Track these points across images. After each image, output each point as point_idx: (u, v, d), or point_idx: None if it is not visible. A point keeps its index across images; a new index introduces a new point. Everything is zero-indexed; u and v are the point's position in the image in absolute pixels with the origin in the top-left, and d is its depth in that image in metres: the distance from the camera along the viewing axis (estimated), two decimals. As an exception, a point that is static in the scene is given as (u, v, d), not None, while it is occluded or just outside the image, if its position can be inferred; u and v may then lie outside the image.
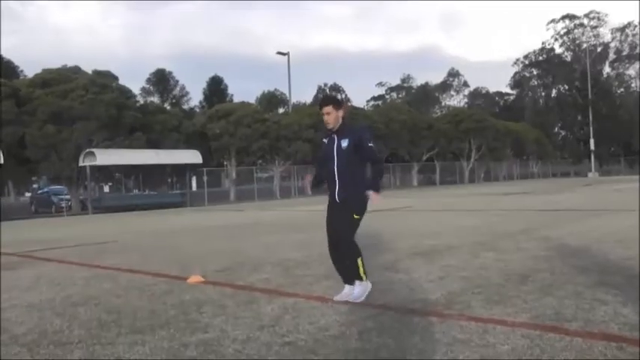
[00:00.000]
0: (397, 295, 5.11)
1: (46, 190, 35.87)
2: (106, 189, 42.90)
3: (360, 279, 4.83)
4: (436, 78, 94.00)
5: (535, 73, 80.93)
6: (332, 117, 4.78)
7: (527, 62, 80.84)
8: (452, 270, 6.27)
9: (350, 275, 4.88)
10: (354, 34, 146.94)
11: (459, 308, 4.50)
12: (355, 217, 4.78)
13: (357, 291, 4.83)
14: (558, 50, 78.43)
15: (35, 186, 43.95)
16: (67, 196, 31.97)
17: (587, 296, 4.69)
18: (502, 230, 10.37)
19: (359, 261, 4.80)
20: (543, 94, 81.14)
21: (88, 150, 28.36)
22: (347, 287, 4.92)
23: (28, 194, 46.17)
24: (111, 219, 21.75)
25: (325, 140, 4.97)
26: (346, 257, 4.81)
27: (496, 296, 4.84)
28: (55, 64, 33.56)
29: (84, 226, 18.11)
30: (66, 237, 13.61)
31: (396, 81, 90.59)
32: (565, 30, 76.85)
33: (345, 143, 4.75)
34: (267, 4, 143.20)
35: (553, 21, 77.58)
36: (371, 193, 4.75)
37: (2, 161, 24.57)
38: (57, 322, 4.62)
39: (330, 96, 5.03)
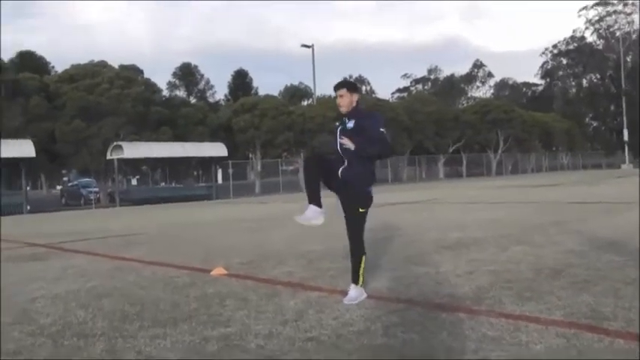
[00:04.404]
0: (423, 290, 4.98)
1: (75, 182, 36.37)
2: (134, 182, 43.44)
3: (357, 282, 4.64)
4: (461, 69, 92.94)
5: (565, 62, 79.32)
6: (345, 100, 4.68)
7: (556, 52, 79.30)
8: (480, 264, 6.11)
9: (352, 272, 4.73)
10: (377, 25, 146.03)
11: (489, 304, 4.35)
12: (360, 210, 4.65)
13: (352, 294, 4.63)
14: (590, 38, 76.75)
15: (65, 179, 44.60)
16: (96, 189, 32.36)
17: (626, 294, 4.46)
18: (532, 223, 10.13)
19: (363, 259, 4.63)
20: (573, 83, 79.56)
21: (115, 143, 28.64)
22: (311, 208, 4.63)
23: (59, 187, 46.86)
24: (138, 211, 21.94)
25: (337, 123, 4.87)
26: (352, 254, 4.66)
27: (527, 292, 4.67)
28: (84, 60, 33.90)
29: (111, 219, 18.27)
30: (94, 229, 13.73)
31: (421, 73, 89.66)
32: (597, 17, 75.09)
33: (350, 124, 4.65)
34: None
35: (585, 8, 75.84)
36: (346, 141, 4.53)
37: (34, 154, 24.94)
38: (81, 314, 4.61)
39: (345, 80, 4.89)
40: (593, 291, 4.61)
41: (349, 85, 4.77)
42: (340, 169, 4.63)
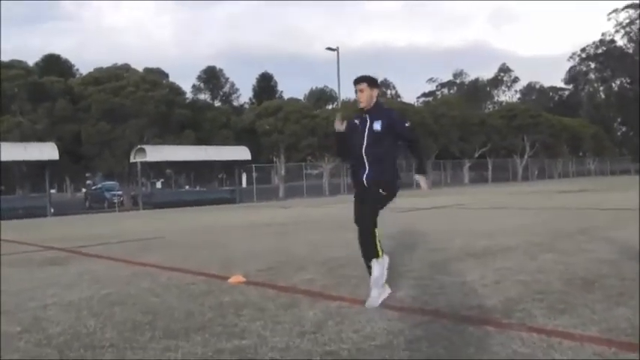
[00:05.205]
0: (449, 301, 4.73)
1: (99, 186, 36.66)
2: (159, 185, 43.69)
3: (377, 256, 4.42)
4: (488, 73, 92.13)
5: (593, 66, 78.17)
6: (365, 95, 4.54)
7: (584, 55, 78.15)
8: (508, 273, 5.83)
9: (368, 255, 4.49)
10: (403, 29, 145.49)
11: (519, 317, 4.09)
12: (382, 192, 4.43)
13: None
14: (620, 42, 75.57)
15: (89, 182, 45.01)
16: (119, 192, 32.54)
17: (665, 307, 4.16)
18: (560, 230, 9.80)
19: (375, 232, 4.40)
20: (602, 88, 78.33)
21: (138, 147, 28.77)
22: (373, 289, 4.53)
23: (84, 190, 47.45)
24: (160, 215, 21.93)
25: (356, 121, 4.64)
26: (361, 231, 4.45)
27: (560, 304, 4.39)
28: (109, 63, 34.33)
29: (133, 222, 18.27)
30: (115, 233, 13.69)
31: (447, 77, 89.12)
32: (628, 20, 73.87)
33: (377, 125, 4.46)
34: (315, 2, 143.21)
35: (615, 11, 74.73)
36: (419, 179, 4.52)
37: (58, 157, 25.13)
38: (91, 323, 4.44)
39: (365, 75, 4.71)
40: (630, 304, 4.31)
41: (369, 79, 4.60)
42: (364, 176, 4.46)
